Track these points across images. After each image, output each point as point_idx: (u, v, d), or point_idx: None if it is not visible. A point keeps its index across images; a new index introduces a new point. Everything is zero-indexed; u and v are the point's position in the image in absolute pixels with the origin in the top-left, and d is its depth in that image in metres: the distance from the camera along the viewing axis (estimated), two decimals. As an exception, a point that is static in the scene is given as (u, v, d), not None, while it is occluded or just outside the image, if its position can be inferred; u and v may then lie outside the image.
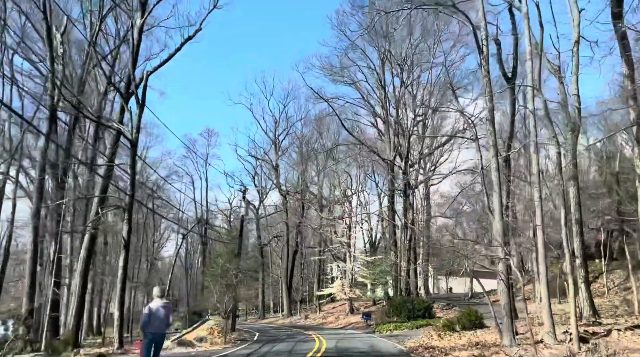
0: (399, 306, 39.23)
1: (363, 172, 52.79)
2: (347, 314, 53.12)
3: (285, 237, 67.35)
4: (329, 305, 70.07)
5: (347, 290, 51.39)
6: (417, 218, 47.75)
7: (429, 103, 45.87)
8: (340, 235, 53.18)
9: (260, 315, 77.86)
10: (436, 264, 67.56)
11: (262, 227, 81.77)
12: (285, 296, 67.93)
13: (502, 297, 19.48)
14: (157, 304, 12.17)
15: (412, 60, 45.65)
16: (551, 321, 18.11)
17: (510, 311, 18.77)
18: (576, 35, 25.96)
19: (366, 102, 50.68)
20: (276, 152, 67.72)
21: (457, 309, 44.38)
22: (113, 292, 46.79)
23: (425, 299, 41.73)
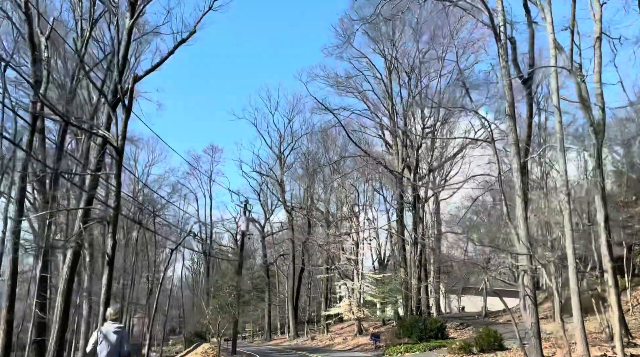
0: (410, 326, 36.69)
1: (370, 186, 50.50)
2: (356, 334, 50.49)
3: (291, 255, 64.97)
4: (337, 325, 67.43)
5: (355, 309, 48.85)
6: (427, 233, 45.32)
7: (438, 111, 43.66)
8: (347, 252, 50.78)
9: (266, 336, 75.18)
10: (448, 281, 65.28)
11: (269, 245, 79.50)
12: (291, 317, 65.30)
13: (528, 315, 17.01)
14: (109, 327, 9.91)
15: (420, 69, 43.65)
16: (585, 343, 15.70)
17: (538, 332, 16.34)
18: (597, 30, 23.81)
19: (373, 114, 48.65)
20: (281, 168, 65.69)
21: (471, 328, 41.80)
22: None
23: (437, 319, 39.15)
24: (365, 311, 51.54)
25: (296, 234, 64.55)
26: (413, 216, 42.57)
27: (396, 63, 43.84)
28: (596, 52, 23.87)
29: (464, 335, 39.23)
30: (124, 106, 23.18)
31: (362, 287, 50.14)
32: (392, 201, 48.59)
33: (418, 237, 41.71)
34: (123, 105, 23.11)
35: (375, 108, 47.25)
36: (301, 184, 65.94)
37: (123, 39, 25.35)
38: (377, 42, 44.16)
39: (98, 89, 23.32)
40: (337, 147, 54.78)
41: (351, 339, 49.31)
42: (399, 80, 44.80)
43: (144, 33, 33.25)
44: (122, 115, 24.42)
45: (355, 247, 49.83)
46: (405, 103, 44.86)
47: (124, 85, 24.98)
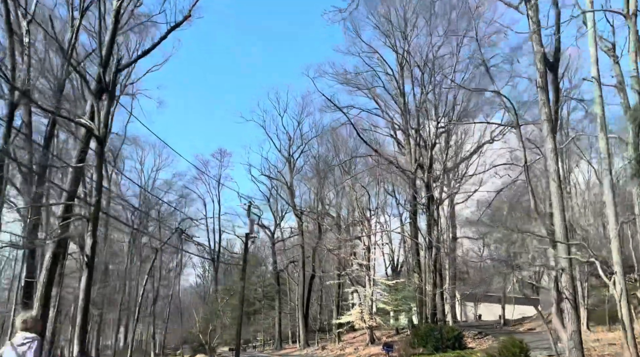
0: (425, 336, 33.95)
1: (382, 189, 47.86)
2: (367, 344, 47.65)
3: (301, 261, 62.31)
4: (350, 334, 64.57)
5: (366, 318, 46.04)
6: (442, 238, 42.57)
7: (453, 108, 41.04)
8: (359, 258, 48.07)
9: (276, 345, 72.42)
10: (464, 288, 62.38)
11: (279, 251, 76.97)
12: (301, 325, 62.54)
13: (567, 322, 14.26)
14: (17, 339, 7.47)
15: (434, 63, 41.08)
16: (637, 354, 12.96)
17: (580, 342, 13.60)
18: (633, 5, 21.18)
19: (384, 112, 46.05)
20: (290, 171, 63.17)
21: (490, 338, 38.95)
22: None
23: (454, 327, 36.29)
24: (377, 319, 48.73)
25: (306, 240, 61.96)
26: (427, 218, 39.88)
27: (408, 57, 41.35)
28: (631, 30, 21.28)
29: (483, 345, 36.40)
30: (108, 94, 20.84)
31: (374, 294, 47.38)
32: (405, 204, 45.90)
33: (432, 240, 38.99)
34: (107, 92, 20.78)
35: (386, 106, 44.73)
36: (311, 187, 63.49)
37: (109, 21, 23.08)
38: (388, 36, 41.72)
39: (80, 75, 20.88)
40: (347, 149, 52.20)
41: (362, 349, 46.51)
42: (412, 76, 42.22)
43: (139, 22, 31.00)
44: (113, 108, 22.19)
45: (367, 252, 47.09)
46: (418, 100, 42.24)
47: (111, 72, 22.60)
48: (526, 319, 54.29)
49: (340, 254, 47.20)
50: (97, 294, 51.18)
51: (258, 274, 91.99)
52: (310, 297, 64.70)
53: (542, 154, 24.62)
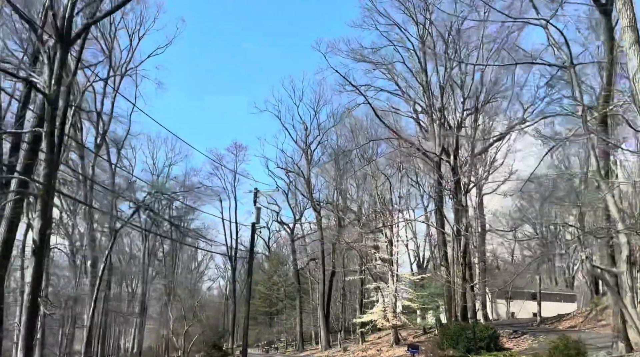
0: (455, 335, 29.47)
1: (405, 177, 43.33)
2: (392, 345, 43.25)
3: (321, 257, 58.00)
4: (374, 335, 60.22)
5: (390, 316, 41.64)
6: (471, 229, 37.95)
7: (481, 83, 36.47)
8: (380, 251, 43.68)
9: (298, 347, 68.22)
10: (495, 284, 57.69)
11: (300, 249, 72.84)
12: (322, 325, 58.23)
13: None
14: None
15: (459, 35, 36.55)
16: None
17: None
18: None
19: (405, 94, 41.50)
20: (307, 163, 58.90)
21: (528, 337, 34.30)
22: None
23: (489, 325, 31.64)
24: (402, 318, 44.33)
25: (325, 235, 57.75)
26: (454, 205, 35.31)
27: (430, 28, 36.85)
28: None
29: (521, 345, 31.78)
30: (60, 41, 16.84)
31: (398, 291, 42.99)
32: (430, 191, 41.26)
33: (461, 229, 34.42)
34: (58, 39, 16.76)
35: (407, 86, 40.23)
36: (330, 180, 59.14)
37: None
38: (407, 6, 37.25)
39: (24, 18, 16.86)
40: (365, 133, 47.41)
41: (386, 351, 42.15)
42: (434, 51, 37.63)
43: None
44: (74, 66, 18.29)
45: (389, 245, 42.67)
46: (442, 77, 37.72)
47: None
48: (562, 316, 49.25)
49: (361, 248, 42.84)
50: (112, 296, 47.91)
51: (280, 274, 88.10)
52: (331, 296, 60.40)
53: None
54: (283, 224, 70.97)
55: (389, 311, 42.15)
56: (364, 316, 44.89)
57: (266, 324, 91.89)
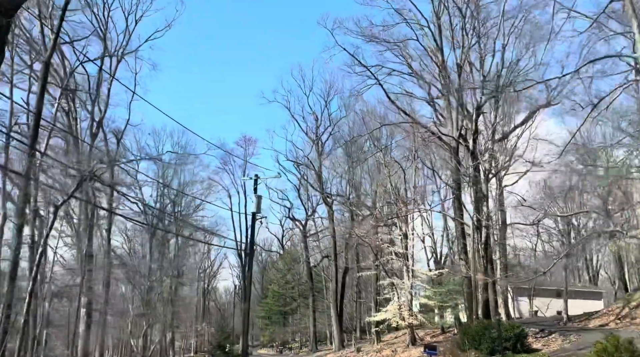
0: (478, 335, 26.20)
1: (420, 163, 39.90)
2: (408, 345, 39.97)
3: (333, 253, 54.87)
4: (391, 335, 56.94)
5: (405, 315, 38.33)
6: (492, 220, 34.56)
7: (501, 62, 33.09)
8: (395, 245, 40.43)
9: (311, 347, 65.18)
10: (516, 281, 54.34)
11: (315, 247, 69.81)
12: (335, 325, 55.07)
13: None
14: None
15: (478, 8, 33.24)
16: None
17: None
18: None
19: (419, 78, 38.13)
20: (318, 155, 55.80)
21: (557, 336, 30.79)
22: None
23: (515, 324, 28.23)
24: (419, 317, 41.03)
25: (337, 230, 54.63)
26: (474, 193, 31.98)
27: (446, 1, 33.54)
28: None
29: (550, 346, 28.35)
30: None
31: (414, 287, 39.72)
32: (448, 180, 37.80)
33: (482, 218, 31.10)
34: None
35: (422, 66, 36.84)
36: (341, 171, 55.89)
37: None
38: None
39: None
40: (376, 118, 43.93)
41: (402, 352, 38.90)
42: (451, 25, 34.33)
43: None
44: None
45: (404, 238, 39.39)
46: (459, 56, 34.39)
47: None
48: (590, 314, 45.55)
49: (375, 241, 39.60)
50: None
51: (294, 272, 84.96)
52: (344, 294, 57.25)
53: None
54: (295, 220, 68.02)
55: (404, 309, 38.90)
56: (377, 315, 41.66)
57: (280, 324, 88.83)
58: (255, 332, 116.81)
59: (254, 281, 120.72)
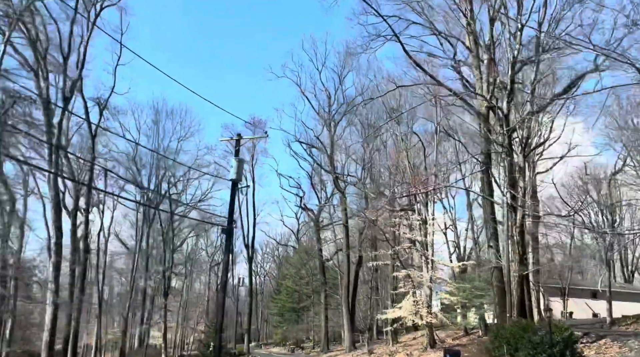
0: (514, 338, 19.86)
1: (442, 133, 33.40)
2: (425, 348, 33.63)
3: (344, 244, 48.64)
4: (408, 335, 50.48)
5: (423, 312, 31.94)
6: (527, 202, 28.02)
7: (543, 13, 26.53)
8: (412, 231, 34.12)
9: (323, 347, 58.94)
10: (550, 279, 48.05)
11: (329, 239, 63.66)
12: (346, 323, 48.85)
13: None
14: None
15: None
16: None
17: None
18: None
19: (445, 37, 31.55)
20: (331, 136, 49.47)
21: (608, 342, 24.19)
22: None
23: (563, 326, 21.59)
24: (440, 315, 34.70)
25: (351, 222, 48.45)
26: (508, 166, 25.48)
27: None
28: None
29: (607, 352, 21.86)
30: None
31: (434, 281, 33.37)
32: (476, 154, 31.13)
33: (517, 195, 24.70)
34: None
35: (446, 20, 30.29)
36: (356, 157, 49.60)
37: None
38: None
39: None
40: (391, 80, 37.27)
41: (418, 355, 32.51)
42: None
43: None
44: None
45: (423, 224, 33.08)
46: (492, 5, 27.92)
47: None
48: (637, 317, 38.67)
49: (389, 225, 33.32)
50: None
51: (309, 267, 78.50)
52: (356, 289, 50.90)
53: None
54: (307, 209, 61.72)
55: (422, 306, 32.54)
56: (389, 312, 35.26)
57: (293, 322, 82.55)
58: (269, 331, 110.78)
59: (269, 277, 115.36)
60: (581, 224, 49.25)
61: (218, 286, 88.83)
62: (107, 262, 53.99)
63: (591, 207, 59.29)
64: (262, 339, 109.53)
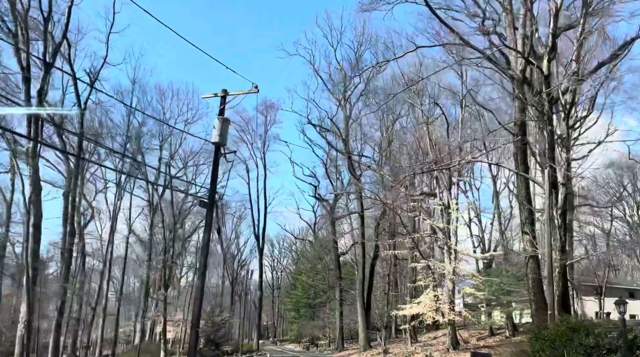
0: (561, 340, 15.43)
1: (469, 98, 28.90)
2: (448, 349, 29.14)
3: (360, 233, 44.36)
4: (429, 334, 46.06)
5: (445, 309, 27.53)
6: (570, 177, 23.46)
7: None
8: (432, 219, 29.70)
9: (337, 345, 54.71)
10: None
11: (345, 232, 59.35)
12: (361, 321, 44.55)
13: None
14: None
15: None
16: None
17: None
18: None
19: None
20: (346, 119, 45.11)
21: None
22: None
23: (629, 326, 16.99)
24: (464, 312, 30.24)
25: (368, 213, 44.16)
26: (548, 136, 20.97)
27: None
28: None
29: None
30: None
31: (457, 275, 28.93)
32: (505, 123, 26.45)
33: (559, 168, 20.23)
34: None
35: None
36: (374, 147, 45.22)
37: None
38: None
39: None
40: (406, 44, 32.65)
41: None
42: None
43: None
44: None
45: (446, 209, 28.66)
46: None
47: None
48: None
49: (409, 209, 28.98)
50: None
51: (325, 262, 74.12)
52: (372, 284, 46.53)
53: None
54: (322, 199, 57.45)
55: (444, 301, 28.13)
56: (406, 307, 30.79)
57: (308, 318, 78.19)
58: (285, 327, 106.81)
59: (286, 273, 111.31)
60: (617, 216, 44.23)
61: (232, 279, 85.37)
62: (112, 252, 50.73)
63: (626, 200, 54.30)
64: (278, 335, 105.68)
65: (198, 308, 17.29)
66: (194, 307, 18.11)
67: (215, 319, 41.98)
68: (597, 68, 24.15)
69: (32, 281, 27.25)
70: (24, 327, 26.94)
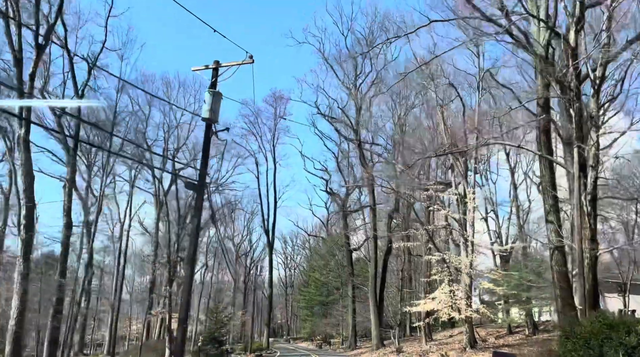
0: (596, 339, 13.32)
1: (485, 86, 26.79)
2: (465, 348, 27.03)
3: (372, 226, 42.35)
4: (445, 332, 44.04)
5: (462, 305, 25.45)
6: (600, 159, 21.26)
7: None
8: (449, 210, 27.61)
9: (350, 344, 52.78)
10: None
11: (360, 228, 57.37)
12: (373, 318, 42.55)
13: None
14: None
15: None
16: None
17: None
18: None
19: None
20: (357, 110, 43.09)
21: None
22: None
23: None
24: (482, 309, 28.16)
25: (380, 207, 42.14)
26: (575, 115, 18.82)
27: None
28: None
29: None
30: None
31: (474, 269, 26.85)
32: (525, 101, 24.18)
33: (587, 148, 18.14)
34: None
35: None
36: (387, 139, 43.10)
37: None
38: None
39: None
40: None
41: None
42: None
43: None
44: None
45: (462, 198, 26.60)
46: None
47: None
48: None
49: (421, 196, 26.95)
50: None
51: (338, 259, 72.13)
52: (385, 280, 44.49)
53: None
54: (333, 194, 55.57)
55: (460, 296, 26.05)
56: (420, 303, 28.72)
57: (321, 316, 76.33)
58: (299, 325, 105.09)
59: (298, 270, 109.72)
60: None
61: (245, 278, 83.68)
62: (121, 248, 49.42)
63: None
64: (291, 333, 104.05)
65: (186, 301, 15.42)
66: (181, 299, 16.31)
67: (218, 315, 40.17)
68: (629, 44, 21.89)
69: (22, 276, 25.66)
70: (15, 324, 25.39)
